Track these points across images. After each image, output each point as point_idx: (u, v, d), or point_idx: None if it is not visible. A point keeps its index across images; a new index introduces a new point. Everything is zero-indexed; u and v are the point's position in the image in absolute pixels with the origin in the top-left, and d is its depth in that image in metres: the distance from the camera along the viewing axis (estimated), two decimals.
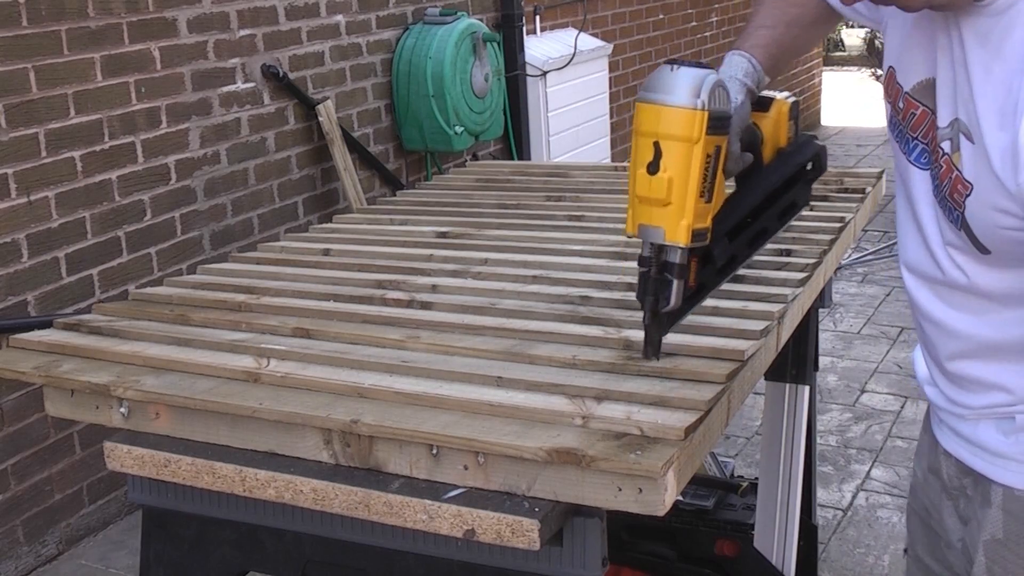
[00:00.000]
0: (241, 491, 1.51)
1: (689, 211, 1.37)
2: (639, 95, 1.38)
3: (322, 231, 2.45)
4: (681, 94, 1.35)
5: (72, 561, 3.37)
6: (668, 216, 1.38)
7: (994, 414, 1.43)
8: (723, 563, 2.53)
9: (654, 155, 1.36)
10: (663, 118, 1.35)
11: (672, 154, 1.35)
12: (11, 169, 3.18)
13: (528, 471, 1.36)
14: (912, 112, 1.39)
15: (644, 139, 1.37)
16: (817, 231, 2.13)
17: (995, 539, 1.43)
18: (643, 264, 1.43)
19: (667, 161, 1.35)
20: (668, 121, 1.35)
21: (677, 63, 1.37)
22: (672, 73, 1.36)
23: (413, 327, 1.75)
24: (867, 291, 5.54)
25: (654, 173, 1.36)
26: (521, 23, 5.30)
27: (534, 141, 5.41)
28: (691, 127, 1.35)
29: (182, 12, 3.71)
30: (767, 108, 1.59)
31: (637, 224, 1.41)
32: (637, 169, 1.37)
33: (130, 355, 1.70)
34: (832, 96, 10.64)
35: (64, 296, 3.37)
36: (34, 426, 3.30)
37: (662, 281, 1.42)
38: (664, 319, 1.46)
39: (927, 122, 1.37)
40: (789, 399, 2.39)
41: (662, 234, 1.39)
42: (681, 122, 1.35)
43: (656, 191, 1.37)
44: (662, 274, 1.41)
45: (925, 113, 1.37)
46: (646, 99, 1.36)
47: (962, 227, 1.31)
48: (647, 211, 1.39)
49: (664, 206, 1.37)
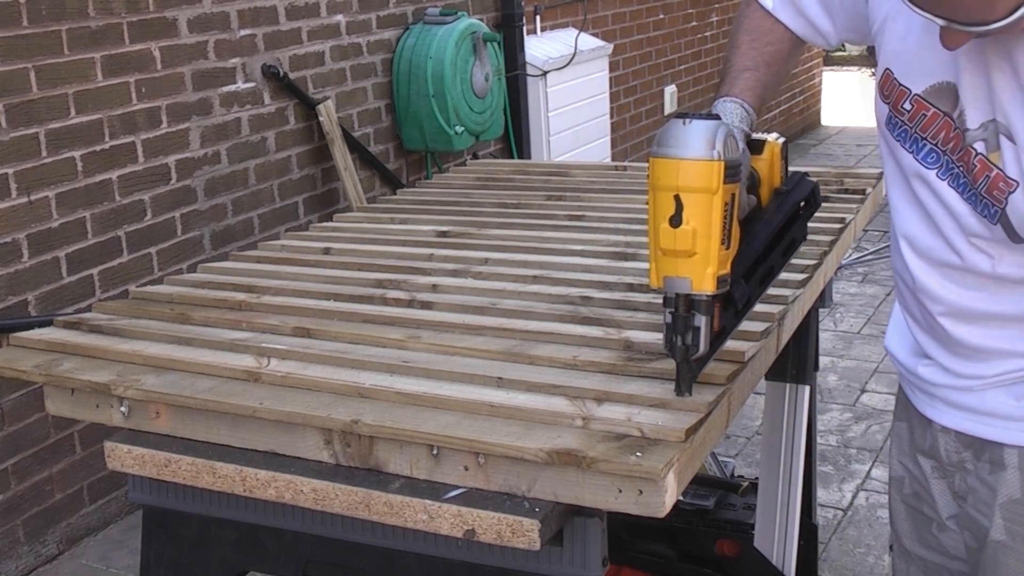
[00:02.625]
0: (241, 491, 1.51)
1: (714, 259, 1.40)
2: (653, 151, 1.41)
3: (322, 230, 2.45)
4: (698, 146, 1.37)
5: (72, 561, 3.37)
6: (694, 266, 1.40)
7: (1005, 380, 1.49)
8: (723, 563, 2.53)
9: (675, 208, 1.39)
10: (682, 172, 1.38)
11: (694, 206, 1.38)
12: (11, 169, 3.18)
13: (528, 472, 1.36)
14: (923, 114, 1.43)
15: (664, 193, 1.39)
16: (817, 231, 2.13)
17: (1012, 499, 1.50)
18: (669, 305, 1.44)
19: (689, 213, 1.38)
20: (687, 174, 1.37)
21: (688, 117, 1.40)
22: (685, 127, 1.39)
23: (413, 327, 1.75)
24: (867, 291, 5.54)
25: (677, 226, 1.39)
26: (521, 23, 5.30)
27: (534, 141, 5.41)
28: (710, 178, 1.37)
29: (182, 12, 3.71)
30: (760, 151, 1.62)
31: (662, 277, 1.43)
32: (659, 223, 1.39)
33: (130, 354, 1.70)
34: (832, 96, 10.63)
35: (64, 296, 3.37)
36: (34, 426, 3.30)
37: (689, 319, 1.43)
38: (694, 364, 1.47)
39: (938, 123, 1.42)
40: (789, 399, 2.39)
41: (689, 284, 1.41)
42: (700, 174, 1.38)
43: (681, 243, 1.39)
44: (689, 311, 1.43)
45: (937, 115, 1.42)
46: (662, 154, 1.39)
47: (999, 221, 1.37)
48: (672, 263, 1.41)
49: (689, 257, 1.40)
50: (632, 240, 2.14)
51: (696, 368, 1.47)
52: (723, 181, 1.39)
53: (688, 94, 7.40)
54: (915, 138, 1.46)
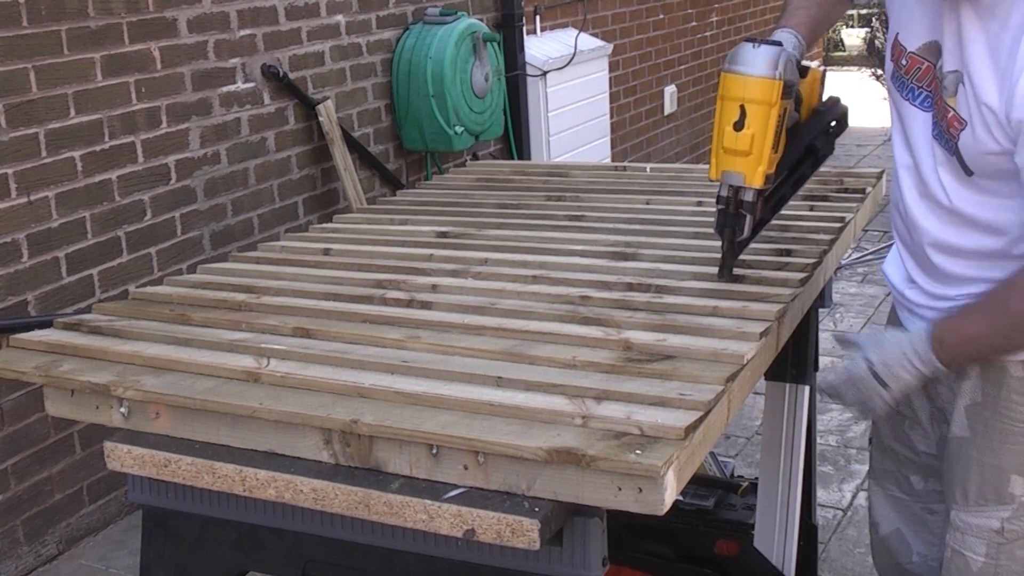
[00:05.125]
0: (241, 491, 1.51)
1: (765, 159, 1.72)
2: (725, 68, 1.72)
3: (322, 231, 2.45)
4: (764, 67, 1.69)
5: (72, 561, 3.37)
6: (748, 164, 1.71)
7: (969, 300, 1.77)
8: (723, 563, 2.53)
9: (740, 115, 1.70)
10: (749, 86, 1.70)
11: (755, 115, 1.69)
12: (11, 169, 3.18)
13: (528, 471, 1.36)
14: (918, 67, 1.75)
15: (731, 103, 1.71)
16: (817, 231, 2.13)
17: (975, 403, 1.82)
18: (721, 203, 1.75)
19: (750, 120, 1.69)
20: (753, 88, 1.69)
21: (756, 41, 1.71)
22: (755, 50, 1.70)
23: (413, 327, 1.75)
24: (867, 291, 5.54)
25: (740, 130, 1.70)
26: (521, 23, 5.30)
27: (534, 141, 5.41)
28: (771, 93, 1.69)
29: (182, 12, 3.71)
30: (805, 75, 1.90)
31: (721, 170, 1.74)
32: (724, 127, 1.71)
33: (130, 355, 1.71)
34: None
35: (64, 296, 3.37)
36: (34, 426, 3.30)
37: (737, 216, 1.75)
38: (737, 247, 1.79)
39: (931, 75, 1.72)
40: (789, 399, 2.39)
41: (742, 178, 1.73)
42: (764, 89, 1.69)
43: (741, 144, 1.70)
44: (738, 211, 1.74)
45: (929, 68, 1.73)
46: (733, 70, 1.71)
47: (954, 153, 1.68)
48: (731, 160, 1.73)
49: (746, 156, 1.71)
50: (632, 240, 2.15)
51: (738, 251, 1.79)
52: (780, 97, 1.70)
53: (688, 94, 7.39)
54: (912, 87, 1.76)
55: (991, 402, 1.80)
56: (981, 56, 1.61)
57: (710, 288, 1.85)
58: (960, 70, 1.65)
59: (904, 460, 2.06)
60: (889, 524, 2.12)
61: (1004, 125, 1.59)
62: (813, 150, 1.95)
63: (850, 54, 13.05)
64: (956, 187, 1.72)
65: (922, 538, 2.08)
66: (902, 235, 1.91)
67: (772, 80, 1.69)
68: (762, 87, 1.69)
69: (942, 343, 1.74)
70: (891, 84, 1.82)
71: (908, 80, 1.77)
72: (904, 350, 1.76)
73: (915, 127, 1.78)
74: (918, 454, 2.03)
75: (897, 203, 1.88)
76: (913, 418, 2.01)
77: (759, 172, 1.71)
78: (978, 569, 1.83)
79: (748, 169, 1.71)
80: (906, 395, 1.85)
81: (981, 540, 1.82)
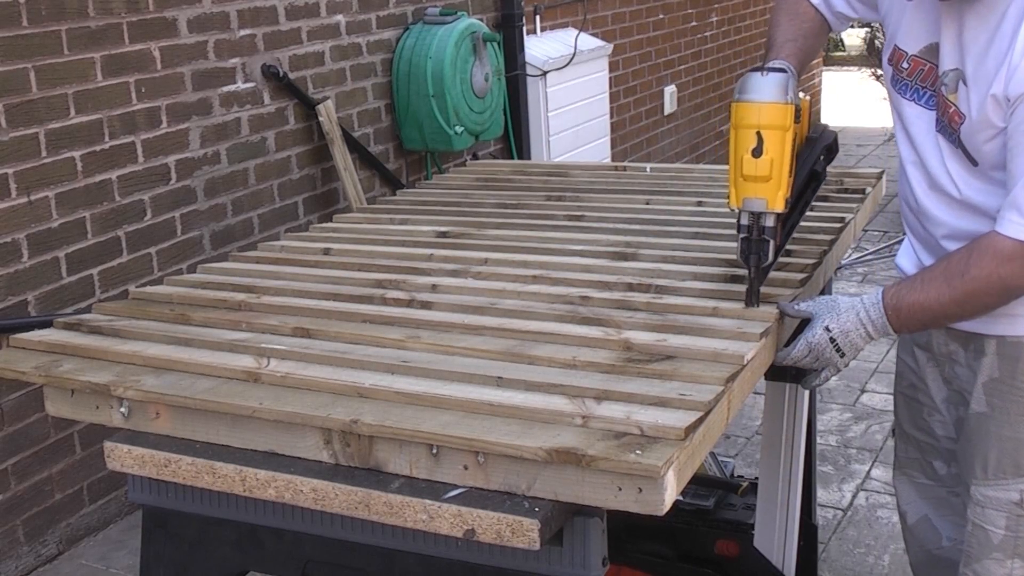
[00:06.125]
0: (241, 491, 1.51)
1: (784, 183, 1.75)
2: (736, 97, 1.77)
3: (322, 231, 2.45)
4: (775, 92, 1.75)
5: (72, 561, 3.37)
6: (769, 189, 1.74)
7: None
8: (723, 563, 2.53)
9: (757, 142, 1.73)
10: (763, 112, 1.74)
11: (772, 140, 1.73)
12: (11, 169, 3.18)
13: (528, 471, 1.36)
14: (921, 68, 1.84)
15: (746, 131, 1.74)
16: (817, 231, 2.13)
17: (992, 379, 1.88)
18: (743, 231, 1.77)
19: (768, 145, 1.73)
20: (768, 114, 1.74)
21: (763, 69, 1.77)
22: (763, 77, 1.76)
23: (413, 327, 1.75)
24: (867, 291, 5.53)
25: (758, 156, 1.73)
26: (521, 23, 5.29)
27: (534, 141, 5.41)
28: (785, 117, 1.74)
29: (182, 12, 3.71)
30: None
31: (742, 198, 1.76)
32: (742, 155, 1.74)
33: (130, 355, 1.71)
34: (832, 96, 10.63)
35: (64, 296, 3.37)
36: (34, 426, 3.30)
37: (761, 242, 1.77)
38: (763, 273, 1.79)
39: (934, 75, 1.81)
40: (789, 399, 2.39)
41: (764, 204, 1.75)
42: (778, 114, 1.74)
43: (761, 170, 1.73)
44: (760, 237, 1.76)
45: (932, 68, 1.82)
46: (745, 99, 1.75)
47: (959, 146, 1.77)
48: (751, 187, 1.75)
49: (767, 181, 1.74)
50: (632, 240, 2.15)
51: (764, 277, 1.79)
52: (793, 121, 1.75)
53: (688, 94, 7.39)
54: (917, 88, 1.85)
55: (1008, 377, 1.87)
56: (982, 48, 1.70)
57: (710, 288, 1.86)
58: (959, 67, 1.75)
59: (926, 447, 2.13)
60: (916, 511, 2.18)
61: (1003, 105, 1.67)
62: (816, 175, 2.01)
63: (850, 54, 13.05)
64: (966, 178, 1.79)
65: (950, 521, 2.13)
66: (914, 228, 1.97)
67: (785, 104, 1.74)
68: (776, 112, 1.73)
69: (898, 311, 1.78)
70: (891, 87, 1.91)
71: (912, 82, 1.86)
72: (860, 317, 1.80)
73: (919, 125, 1.86)
74: (938, 439, 2.10)
75: (907, 197, 1.94)
76: (931, 405, 2.08)
77: (780, 196, 1.75)
78: (999, 541, 1.88)
79: (769, 194, 1.74)
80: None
81: (1001, 513, 1.88)
